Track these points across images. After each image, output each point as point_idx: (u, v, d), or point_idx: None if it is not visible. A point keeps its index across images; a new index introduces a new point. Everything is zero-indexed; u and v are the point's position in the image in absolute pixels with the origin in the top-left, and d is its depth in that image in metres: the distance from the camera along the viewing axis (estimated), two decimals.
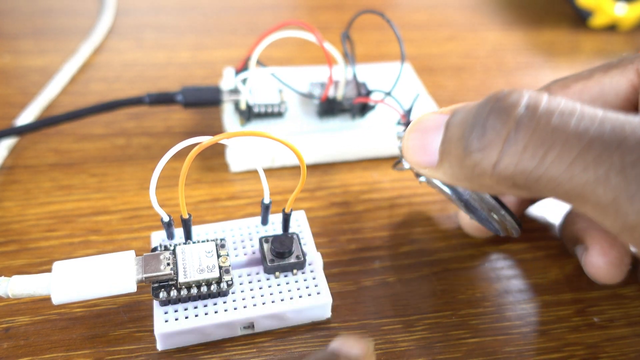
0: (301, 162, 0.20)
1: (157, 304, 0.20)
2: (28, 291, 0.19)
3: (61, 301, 0.19)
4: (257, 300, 0.21)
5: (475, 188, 0.17)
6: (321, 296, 0.21)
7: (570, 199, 0.15)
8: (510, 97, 0.15)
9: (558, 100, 0.15)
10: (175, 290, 0.20)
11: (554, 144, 0.14)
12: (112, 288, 0.19)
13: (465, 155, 0.16)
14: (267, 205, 0.22)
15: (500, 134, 0.15)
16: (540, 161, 0.14)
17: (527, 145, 0.15)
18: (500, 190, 0.16)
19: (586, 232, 0.22)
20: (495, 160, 0.15)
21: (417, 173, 0.22)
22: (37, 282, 0.19)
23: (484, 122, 0.15)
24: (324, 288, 0.21)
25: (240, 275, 0.21)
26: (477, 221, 0.23)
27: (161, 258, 0.20)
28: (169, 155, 0.19)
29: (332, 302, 0.21)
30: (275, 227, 0.23)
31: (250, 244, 0.23)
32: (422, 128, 0.17)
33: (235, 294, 0.21)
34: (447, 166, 0.17)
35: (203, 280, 0.20)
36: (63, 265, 0.19)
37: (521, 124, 0.15)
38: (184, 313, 0.20)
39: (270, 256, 0.21)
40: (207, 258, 0.20)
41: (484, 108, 0.15)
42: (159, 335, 0.20)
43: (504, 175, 0.15)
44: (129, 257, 0.20)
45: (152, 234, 0.22)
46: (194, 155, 0.18)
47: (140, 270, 0.20)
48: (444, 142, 0.17)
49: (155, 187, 0.19)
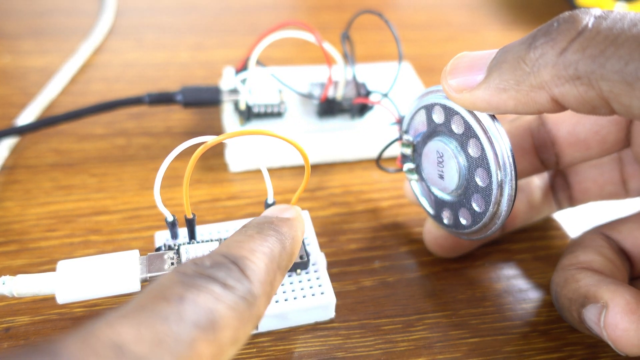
0: (305, 161, 0.20)
1: None
2: (33, 290, 0.19)
3: (66, 300, 0.19)
4: None
5: (521, 96, 0.17)
6: (325, 296, 0.21)
7: (629, 84, 0.14)
8: (578, 10, 0.16)
9: (623, 13, 0.15)
10: None
11: (616, 40, 0.15)
12: (117, 287, 0.19)
13: (529, 51, 0.16)
14: (271, 205, 0.22)
15: (571, 28, 0.15)
16: (607, 47, 0.15)
17: (595, 37, 0.15)
18: (554, 86, 0.16)
19: (600, 288, 0.18)
20: (564, 46, 0.15)
21: (427, 135, 0.22)
22: (41, 281, 0.19)
23: (552, 22, 0.16)
24: (327, 288, 0.21)
25: None
26: (444, 228, 0.23)
27: (165, 257, 0.20)
28: (173, 154, 0.19)
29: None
30: None
31: None
32: (472, 53, 0.18)
33: None
34: (496, 76, 0.17)
35: None
36: (68, 265, 0.19)
37: (589, 24, 0.15)
38: None
39: None
40: None
41: (550, 20, 0.16)
42: None
43: (570, 61, 0.15)
44: (133, 256, 0.20)
45: (156, 233, 0.22)
46: (198, 155, 0.18)
47: (145, 269, 0.20)
48: (496, 57, 0.17)
49: (159, 187, 0.20)
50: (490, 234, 0.20)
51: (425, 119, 0.21)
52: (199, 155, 0.18)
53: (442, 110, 0.20)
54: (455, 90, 0.18)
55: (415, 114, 0.22)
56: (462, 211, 0.21)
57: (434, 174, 0.22)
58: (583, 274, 0.19)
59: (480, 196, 0.20)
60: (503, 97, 0.17)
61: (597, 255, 0.21)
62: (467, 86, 0.18)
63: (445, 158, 0.21)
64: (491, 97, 0.17)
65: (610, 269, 0.20)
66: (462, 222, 0.21)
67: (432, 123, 0.21)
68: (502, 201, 0.19)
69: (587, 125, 0.22)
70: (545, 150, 0.23)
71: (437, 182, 0.22)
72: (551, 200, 0.25)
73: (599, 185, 0.24)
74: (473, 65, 0.18)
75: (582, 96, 0.15)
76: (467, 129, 0.19)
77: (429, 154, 0.22)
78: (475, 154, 0.19)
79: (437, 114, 0.21)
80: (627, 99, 0.14)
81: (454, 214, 0.22)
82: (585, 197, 0.25)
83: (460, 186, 0.21)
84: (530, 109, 0.17)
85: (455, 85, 0.18)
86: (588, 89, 0.15)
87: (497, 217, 0.20)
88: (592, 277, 0.19)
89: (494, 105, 0.17)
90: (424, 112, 0.21)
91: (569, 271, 0.20)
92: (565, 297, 0.19)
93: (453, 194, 0.21)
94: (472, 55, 0.18)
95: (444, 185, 0.21)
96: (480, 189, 0.20)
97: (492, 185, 0.19)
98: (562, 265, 0.21)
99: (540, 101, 0.16)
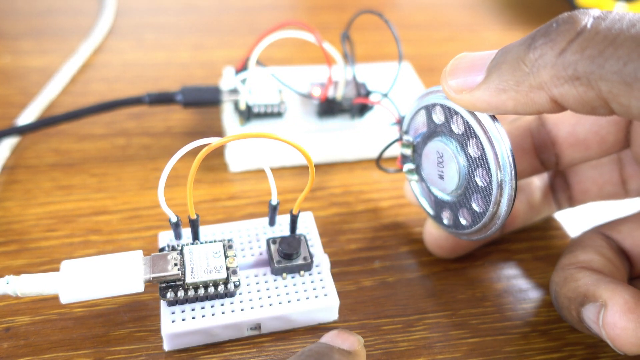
0: (310, 165, 0.20)
1: (164, 304, 0.20)
2: (36, 290, 0.19)
3: (69, 300, 0.19)
4: (264, 301, 0.20)
5: (520, 96, 0.17)
6: (328, 298, 0.21)
7: (628, 85, 0.15)
8: (577, 11, 0.16)
9: (622, 13, 0.15)
10: (182, 291, 0.20)
11: (614, 41, 0.15)
12: (120, 288, 0.19)
13: (528, 52, 0.16)
14: (275, 206, 0.22)
15: (570, 29, 0.15)
16: (606, 48, 0.15)
17: (594, 38, 0.15)
18: (553, 86, 0.16)
19: (599, 287, 0.18)
20: (563, 47, 0.15)
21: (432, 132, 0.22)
22: (45, 281, 0.19)
23: (551, 23, 0.16)
24: (331, 290, 0.21)
25: (247, 277, 0.21)
26: (444, 228, 0.22)
27: (169, 258, 0.20)
28: (178, 155, 0.19)
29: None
30: (282, 229, 0.23)
31: (257, 245, 0.22)
32: (472, 54, 0.18)
33: (242, 295, 0.21)
34: (495, 77, 0.17)
35: (210, 281, 0.20)
36: (71, 265, 0.19)
37: (588, 24, 0.15)
38: (191, 314, 0.20)
39: (278, 257, 0.21)
40: (215, 259, 0.20)
41: (550, 21, 0.16)
42: (166, 336, 0.20)
43: (569, 61, 0.15)
44: (136, 256, 0.20)
45: (160, 234, 0.22)
46: (202, 156, 0.19)
47: (148, 270, 0.20)
48: (496, 57, 0.17)
49: (163, 188, 0.20)
50: (490, 234, 0.20)
51: (425, 119, 0.21)
52: (203, 156, 0.19)
53: (442, 110, 0.20)
54: (455, 90, 0.18)
55: (415, 115, 0.22)
56: (462, 211, 0.21)
57: (434, 174, 0.22)
58: (582, 274, 0.19)
59: (480, 196, 0.20)
60: (503, 98, 0.17)
61: (596, 255, 0.21)
62: (467, 87, 0.18)
63: (445, 158, 0.21)
64: (491, 98, 0.17)
65: (610, 269, 0.20)
66: (462, 222, 0.21)
67: (432, 123, 0.21)
68: (502, 201, 0.19)
69: (586, 126, 0.22)
70: (545, 151, 0.23)
71: (437, 183, 0.22)
72: (551, 201, 0.25)
73: (598, 185, 0.24)
74: (473, 66, 0.18)
75: (581, 97, 0.15)
76: (467, 129, 0.19)
77: (429, 155, 0.22)
78: (475, 154, 0.19)
79: (437, 114, 0.21)
80: (626, 99, 0.14)
81: (454, 214, 0.22)
82: (585, 197, 0.25)
83: (460, 186, 0.21)
84: (529, 109, 0.17)
85: (455, 86, 0.18)
86: (587, 89, 0.15)
87: (497, 218, 0.20)
88: (591, 276, 0.19)
89: (494, 106, 0.17)
90: (424, 112, 0.21)
91: (568, 271, 0.20)
92: (564, 296, 0.19)
93: (453, 194, 0.21)
94: (472, 56, 0.18)
95: (444, 186, 0.21)
96: (480, 189, 0.20)
97: (492, 186, 0.19)
98: (561, 264, 0.21)
99: (539, 102, 0.16)
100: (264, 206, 0.27)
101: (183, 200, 0.27)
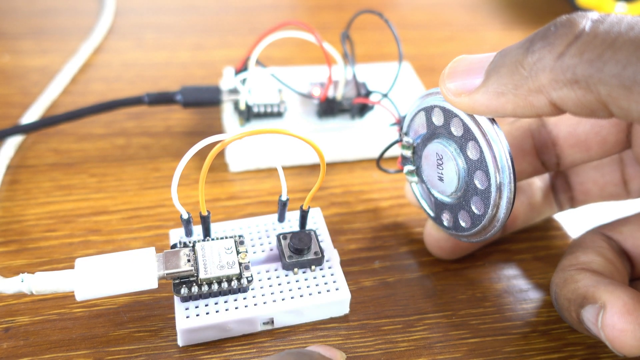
0: (321, 159, 0.20)
1: (178, 300, 0.20)
2: (52, 288, 0.19)
3: (85, 297, 0.19)
4: (277, 296, 0.21)
5: (519, 100, 0.17)
6: (340, 292, 0.21)
7: (627, 88, 0.14)
8: (575, 14, 0.16)
9: (620, 16, 0.15)
10: (196, 287, 0.20)
11: (613, 44, 0.15)
12: (135, 284, 0.19)
13: (527, 55, 0.16)
14: (285, 202, 0.23)
15: (568, 32, 0.15)
16: (605, 51, 0.15)
17: (592, 41, 0.15)
18: (552, 90, 0.16)
19: (598, 288, 0.18)
20: (562, 50, 0.15)
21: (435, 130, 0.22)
22: (60, 278, 0.19)
23: (549, 26, 0.16)
24: (342, 284, 0.21)
25: (259, 272, 0.22)
26: (444, 230, 0.22)
27: (181, 255, 0.20)
28: (191, 152, 0.19)
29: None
30: (292, 225, 0.24)
31: (267, 241, 0.23)
32: (470, 57, 0.18)
33: (254, 290, 0.21)
34: (494, 80, 0.17)
35: (223, 276, 0.20)
36: (86, 262, 0.19)
37: (586, 28, 0.15)
38: (205, 309, 0.20)
39: (289, 252, 0.22)
40: (227, 255, 0.21)
41: (548, 24, 0.16)
42: (181, 331, 0.20)
43: (567, 65, 0.15)
44: (149, 253, 0.20)
45: (171, 231, 0.23)
46: (216, 152, 0.19)
47: (162, 266, 0.20)
48: (494, 60, 0.17)
49: (177, 185, 0.20)
50: (490, 236, 0.20)
51: (425, 121, 0.21)
52: (216, 153, 0.19)
53: (442, 112, 0.20)
54: (454, 93, 0.18)
55: (415, 116, 0.22)
56: (462, 214, 0.21)
57: (434, 176, 0.22)
58: (582, 275, 0.19)
59: (479, 199, 0.20)
60: (501, 101, 0.17)
61: (597, 256, 0.21)
62: (466, 90, 0.18)
63: (445, 160, 0.21)
64: (489, 101, 0.17)
65: (610, 270, 0.20)
66: (461, 224, 0.21)
67: (432, 125, 0.21)
68: (501, 204, 0.19)
69: (587, 127, 0.22)
70: (545, 152, 0.23)
71: (437, 185, 0.22)
72: (552, 202, 0.25)
73: (600, 186, 0.24)
74: (471, 69, 0.18)
75: (580, 100, 0.15)
76: (466, 131, 0.19)
77: (428, 156, 0.22)
78: (474, 157, 0.19)
79: (437, 116, 0.21)
80: (625, 102, 0.14)
81: (453, 216, 0.22)
82: (586, 198, 0.25)
83: (460, 189, 0.21)
84: (528, 112, 0.17)
85: (454, 89, 0.18)
86: (586, 92, 0.15)
87: (496, 220, 0.20)
88: (590, 278, 0.19)
89: (493, 109, 0.17)
90: (423, 114, 0.21)
91: (568, 272, 0.20)
92: (564, 297, 0.20)
93: (452, 196, 0.21)
94: (470, 59, 0.18)
95: (444, 188, 0.21)
96: (479, 191, 0.20)
97: (490, 188, 0.19)
98: (562, 266, 0.21)
99: (538, 105, 0.16)
100: (264, 206, 0.27)
101: (187, 200, 0.27)
